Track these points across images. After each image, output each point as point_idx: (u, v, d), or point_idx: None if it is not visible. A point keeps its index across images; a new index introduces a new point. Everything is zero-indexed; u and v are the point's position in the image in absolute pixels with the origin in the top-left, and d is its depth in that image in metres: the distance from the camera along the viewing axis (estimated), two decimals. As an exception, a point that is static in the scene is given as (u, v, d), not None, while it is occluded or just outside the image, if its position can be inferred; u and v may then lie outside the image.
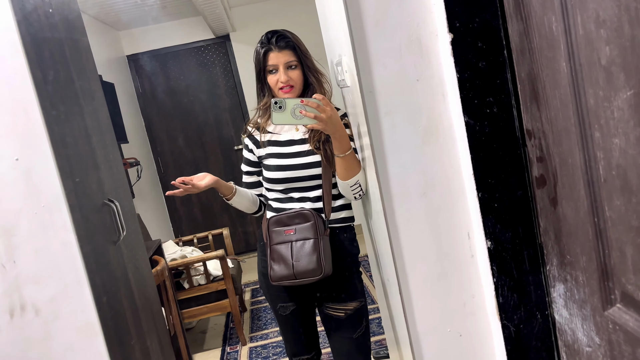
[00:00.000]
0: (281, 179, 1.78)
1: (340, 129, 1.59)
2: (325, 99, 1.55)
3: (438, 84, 1.09)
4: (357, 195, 1.68)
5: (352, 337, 1.83)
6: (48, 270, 1.06)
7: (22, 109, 1.01)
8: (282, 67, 1.73)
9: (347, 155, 1.62)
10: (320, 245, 1.69)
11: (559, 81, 0.86)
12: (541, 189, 1.03)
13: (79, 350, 1.09)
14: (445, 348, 1.18)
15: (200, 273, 3.68)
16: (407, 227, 1.14)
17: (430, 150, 1.11)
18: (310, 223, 1.71)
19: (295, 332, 1.92)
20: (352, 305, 1.82)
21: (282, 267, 1.71)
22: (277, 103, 1.55)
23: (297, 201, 1.80)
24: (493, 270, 1.10)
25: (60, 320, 1.08)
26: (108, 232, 1.95)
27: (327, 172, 1.74)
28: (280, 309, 1.88)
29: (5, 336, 1.06)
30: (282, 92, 1.74)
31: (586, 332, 0.98)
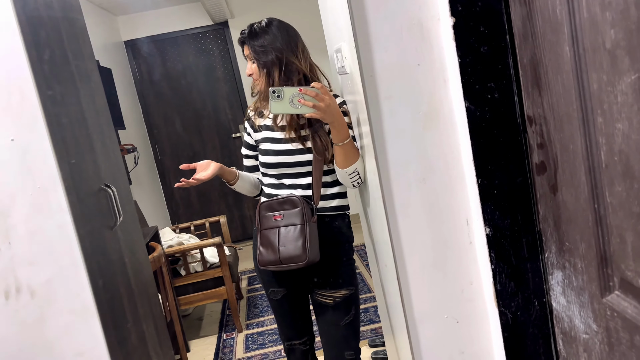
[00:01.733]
0: (274, 164, 1.80)
1: (339, 117, 1.59)
2: (324, 87, 1.54)
3: (439, 69, 1.08)
4: (355, 183, 1.68)
5: (339, 324, 1.85)
6: (44, 252, 1.05)
7: (17, 89, 0.99)
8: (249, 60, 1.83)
9: (346, 143, 1.62)
10: (306, 232, 1.70)
11: (562, 66, 0.85)
12: (541, 176, 1.03)
13: (75, 333, 1.08)
14: (442, 334, 1.18)
15: (197, 260, 3.69)
16: (406, 214, 1.14)
17: (430, 136, 1.10)
18: (297, 209, 1.73)
19: (286, 317, 1.94)
20: (340, 293, 1.83)
21: (269, 252, 1.73)
22: (276, 92, 1.54)
23: (288, 187, 1.81)
24: (491, 257, 1.10)
25: (56, 303, 1.07)
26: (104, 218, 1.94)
27: (317, 159, 1.75)
28: (272, 293, 1.90)
29: (1, 318, 1.06)
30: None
31: (583, 319, 0.98)
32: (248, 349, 3.39)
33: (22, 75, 0.99)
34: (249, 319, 3.86)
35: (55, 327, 1.08)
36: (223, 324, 3.88)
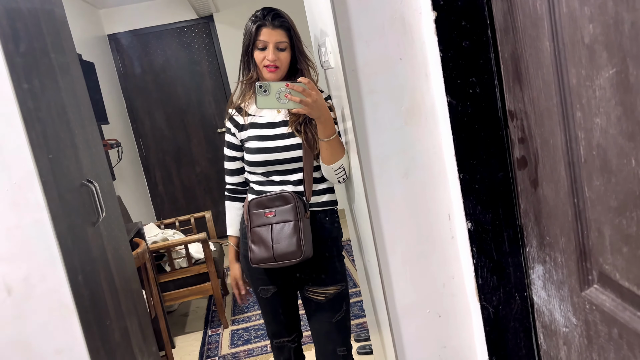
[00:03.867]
0: (262, 162, 1.77)
1: (326, 112, 1.57)
2: (311, 82, 1.53)
3: (421, 63, 1.08)
4: (340, 179, 1.67)
5: (331, 320, 1.83)
6: (21, 249, 1.03)
7: (-9, 83, 0.97)
8: (272, 46, 1.70)
9: (332, 139, 1.61)
10: (300, 228, 1.68)
11: (542, 61, 0.85)
12: (522, 171, 1.03)
13: (54, 331, 1.07)
14: (424, 328, 1.18)
15: (182, 256, 3.66)
16: (388, 208, 1.14)
17: (412, 131, 1.10)
18: (290, 205, 1.70)
19: (275, 314, 1.91)
20: (332, 289, 1.82)
21: (262, 249, 1.70)
22: (262, 87, 1.52)
23: (278, 184, 1.78)
24: (473, 251, 1.10)
25: (33, 300, 1.05)
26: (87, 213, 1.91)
27: (308, 154, 1.73)
28: (262, 291, 1.88)
29: (-23, 316, 1.04)
30: (266, 70, 1.71)
31: (563, 313, 0.98)
32: (234, 345, 3.38)
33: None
34: (234, 314, 3.85)
35: (33, 325, 1.06)
36: (209, 319, 3.87)
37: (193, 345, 3.52)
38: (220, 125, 5.47)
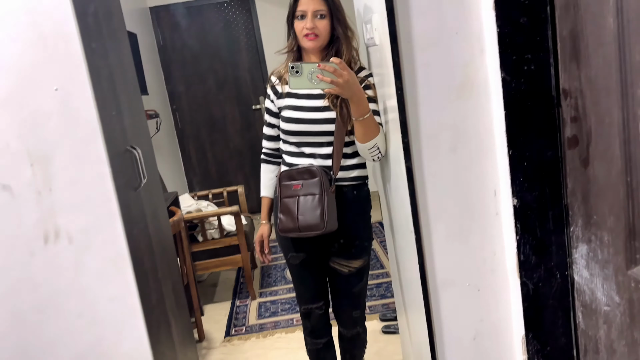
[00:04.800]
0: (295, 132, 1.81)
1: (358, 92, 1.58)
2: (343, 63, 1.53)
3: (477, 38, 1.08)
4: (375, 157, 1.70)
5: (351, 290, 1.93)
6: (82, 200, 1.09)
7: (62, 40, 1.02)
8: (310, 14, 1.72)
9: (366, 118, 1.62)
10: (324, 201, 1.73)
11: (604, 38, 0.85)
12: (572, 150, 1.04)
13: (109, 280, 1.13)
14: (462, 302, 1.21)
15: (214, 227, 3.73)
16: (434, 182, 1.15)
17: (463, 106, 1.11)
18: (316, 179, 1.75)
19: (304, 281, 1.99)
20: (357, 263, 1.89)
21: (289, 219, 1.77)
22: (294, 68, 1.53)
23: (307, 156, 1.82)
24: (517, 228, 1.11)
25: (92, 249, 1.11)
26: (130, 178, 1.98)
27: (340, 129, 1.75)
28: (291, 258, 1.94)
29: (39, 261, 1.10)
30: (306, 39, 1.74)
31: (606, 292, 0.99)
32: (261, 316, 3.45)
33: (68, 28, 1.01)
34: (262, 287, 3.92)
35: (90, 273, 1.12)
36: (237, 291, 3.95)
37: (221, 315, 3.60)
38: (255, 102, 5.51)
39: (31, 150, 1.06)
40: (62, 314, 1.13)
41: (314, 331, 2.04)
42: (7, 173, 1.07)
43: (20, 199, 1.08)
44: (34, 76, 1.03)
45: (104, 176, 1.07)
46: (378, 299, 3.41)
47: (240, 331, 3.29)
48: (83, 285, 1.13)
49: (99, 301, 1.14)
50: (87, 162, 1.07)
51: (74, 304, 1.13)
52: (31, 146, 1.06)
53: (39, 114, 1.05)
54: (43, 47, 1.02)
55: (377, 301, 3.38)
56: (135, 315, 1.13)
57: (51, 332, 1.14)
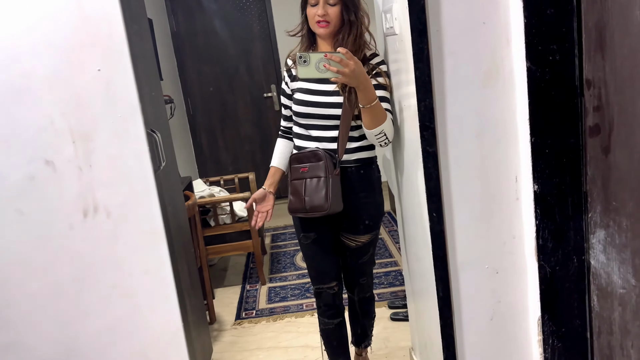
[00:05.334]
0: (304, 114, 1.87)
1: (365, 81, 1.64)
2: (349, 53, 1.58)
3: (503, 28, 1.12)
4: (382, 143, 1.77)
5: (358, 261, 2.05)
6: (121, 176, 1.14)
7: (106, 23, 1.06)
8: (322, 1, 1.77)
9: (373, 105, 1.68)
10: (328, 183, 1.82)
11: (631, 29, 0.89)
12: (594, 138, 1.07)
13: (143, 253, 1.18)
14: (481, 283, 1.25)
15: (226, 212, 3.79)
16: (458, 166, 1.19)
17: (488, 93, 1.15)
18: (321, 162, 1.83)
19: (314, 260, 2.07)
20: (364, 238, 1.98)
21: (297, 200, 1.87)
22: (302, 57, 1.60)
23: (314, 139, 1.90)
24: (536, 213, 1.16)
25: (128, 224, 1.16)
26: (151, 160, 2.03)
27: (346, 113, 1.81)
28: (303, 238, 2.02)
29: (78, 233, 1.15)
30: (317, 26, 1.79)
31: (622, 275, 1.04)
32: (270, 301, 3.51)
33: (111, 10, 1.06)
34: (271, 273, 3.98)
35: (126, 246, 1.17)
36: (247, 275, 4.01)
37: (232, 298, 3.66)
38: (267, 90, 5.54)
39: (73, 127, 1.11)
40: (99, 284, 1.19)
41: (325, 311, 2.10)
42: (51, 149, 1.12)
43: (62, 174, 1.12)
44: (78, 57, 1.08)
45: (142, 154, 1.12)
46: (387, 287, 3.46)
47: (251, 314, 3.35)
48: (119, 258, 1.18)
49: (133, 274, 1.19)
50: (126, 140, 1.12)
51: (110, 275, 1.18)
52: (74, 124, 1.11)
53: (82, 93, 1.09)
54: (87, 29, 1.07)
55: (385, 289, 3.43)
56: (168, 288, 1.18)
57: (88, 301, 1.20)
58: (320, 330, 2.18)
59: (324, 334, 2.17)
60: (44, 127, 1.11)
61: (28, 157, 1.11)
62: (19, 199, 1.13)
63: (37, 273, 1.16)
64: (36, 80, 1.09)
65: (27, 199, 1.13)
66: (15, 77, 1.08)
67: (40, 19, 1.07)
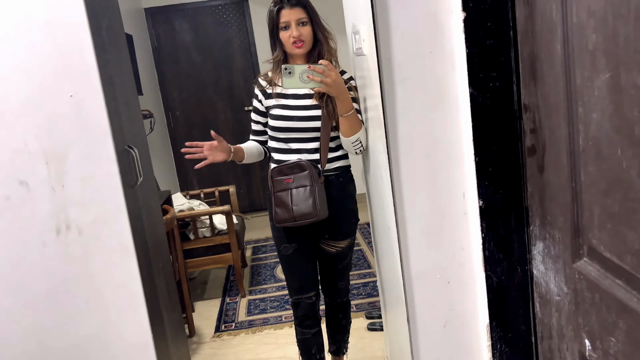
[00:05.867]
0: (283, 128, 1.98)
1: (344, 91, 1.77)
2: (330, 64, 1.72)
3: (449, 57, 1.21)
4: (357, 150, 1.89)
5: (337, 266, 2.15)
6: (92, 195, 1.20)
7: (77, 51, 1.13)
8: (294, 24, 1.90)
9: (350, 114, 1.81)
10: (315, 191, 1.91)
11: (554, 61, 0.99)
12: (531, 157, 1.17)
13: (114, 269, 1.24)
14: (434, 292, 1.33)
15: (206, 226, 3.84)
16: (410, 184, 1.28)
17: (436, 116, 1.24)
18: (306, 172, 1.93)
19: (295, 272, 2.15)
20: (343, 243, 2.10)
21: (284, 211, 1.94)
22: (287, 69, 1.72)
23: (294, 152, 2.00)
24: (482, 226, 1.25)
25: (99, 241, 1.23)
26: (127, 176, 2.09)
27: (326, 125, 1.94)
28: (284, 249, 2.10)
29: (51, 251, 1.22)
30: (294, 47, 1.91)
31: (557, 283, 1.13)
32: (250, 313, 3.56)
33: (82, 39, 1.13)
34: (251, 285, 4.02)
35: (97, 262, 1.23)
36: (227, 288, 4.05)
37: (211, 311, 3.70)
38: (248, 103, 5.62)
39: (47, 149, 1.17)
40: (72, 299, 1.25)
41: (303, 321, 2.18)
42: (25, 170, 1.18)
43: (36, 193, 1.19)
44: (51, 83, 1.14)
45: (112, 174, 1.19)
46: (364, 297, 3.53)
47: (230, 327, 3.39)
48: (91, 274, 1.24)
49: (105, 288, 1.25)
50: (97, 161, 1.19)
51: (82, 290, 1.24)
52: (47, 146, 1.17)
53: (54, 117, 1.16)
54: (59, 57, 1.14)
55: (363, 300, 3.50)
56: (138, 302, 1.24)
57: (61, 315, 1.25)
58: (297, 341, 2.25)
59: (301, 344, 2.24)
60: (18, 149, 1.17)
61: (3, 178, 1.18)
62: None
63: (11, 290, 1.22)
64: (11, 105, 1.16)
65: (2, 218, 1.20)
66: (-9, 103, 1.15)
67: (14, 48, 1.14)
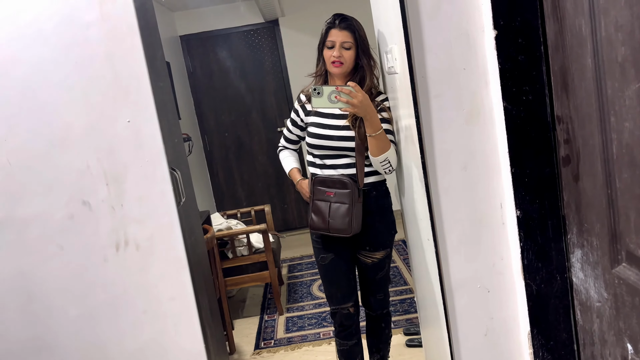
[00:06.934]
0: (317, 146, 2.06)
1: (371, 111, 1.84)
2: (357, 86, 1.81)
3: (482, 73, 1.27)
4: (387, 170, 1.96)
5: (375, 277, 2.19)
6: (148, 213, 1.29)
7: (135, 80, 1.23)
8: (338, 45, 1.99)
9: (378, 134, 1.87)
10: (352, 211, 1.98)
11: (585, 74, 1.03)
12: (566, 167, 1.20)
13: (169, 280, 1.32)
14: (474, 301, 1.37)
15: (243, 244, 3.92)
16: (448, 196, 1.33)
17: (471, 130, 1.29)
18: (348, 191, 1.99)
19: (332, 281, 2.20)
20: (379, 255, 2.14)
21: (320, 220, 2.03)
22: (316, 89, 1.81)
23: (328, 168, 2.08)
24: (520, 236, 1.28)
25: (155, 255, 1.31)
26: (173, 197, 2.19)
27: (359, 146, 2.00)
28: (321, 259, 2.17)
29: (112, 265, 1.30)
30: (332, 66, 2.01)
31: (597, 290, 1.15)
32: (289, 330, 3.60)
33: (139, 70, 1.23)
34: (289, 303, 4.07)
35: (154, 275, 1.32)
36: (265, 306, 4.11)
37: (250, 329, 3.76)
38: (280, 124, 5.74)
39: (107, 171, 1.27)
40: (130, 310, 1.33)
41: (341, 331, 2.23)
42: (87, 191, 1.28)
43: (97, 212, 1.28)
44: (111, 110, 1.24)
45: (166, 192, 1.28)
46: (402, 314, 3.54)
47: (269, 344, 3.44)
48: (148, 286, 1.32)
49: (160, 299, 1.33)
50: (152, 181, 1.28)
51: (139, 301, 1.33)
52: (107, 168, 1.27)
53: (114, 141, 1.26)
54: (119, 86, 1.24)
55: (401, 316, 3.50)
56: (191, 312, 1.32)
57: (120, 325, 1.34)
58: (337, 352, 2.30)
59: (340, 354, 2.28)
60: (81, 171, 1.27)
61: (68, 198, 1.28)
62: (60, 236, 1.29)
63: (76, 301, 1.31)
64: (75, 131, 1.26)
65: (67, 235, 1.29)
66: (57, 129, 1.26)
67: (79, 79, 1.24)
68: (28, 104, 1.25)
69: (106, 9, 1.19)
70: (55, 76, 1.23)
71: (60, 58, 1.22)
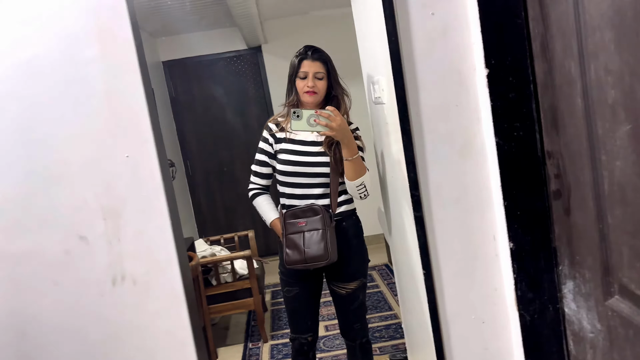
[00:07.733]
0: (289, 172, 2.09)
1: (349, 136, 1.90)
2: (336, 110, 1.87)
3: (474, 110, 1.31)
4: (362, 194, 2.01)
5: (350, 308, 2.21)
6: (145, 248, 1.28)
7: (134, 115, 1.24)
8: (311, 75, 2.05)
9: (355, 159, 1.93)
10: (327, 235, 2.00)
11: (575, 113, 1.07)
12: (557, 201, 1.24)
13: (166, 316, 1.31)
14: (469, 332, 1.39)
15: (227, 271, 3.90)
16: (442, 229, 1.36)
17: (464, 164, 1.33)
18: (319, 216, 2.02)
19: (295, 312, 2.25)
20: (353, 285, 2.17)
21: (295, 253, 2.02)
22: (296, 112, 1.87)
23: (300, 198, 2.09)
24: (514, 268, 1.31)
25: (152, 290, 1.30)
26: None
27: (334, 172, 2.05)
28: (287, 291, 2.22)
29: (108, 300, 1.29)
30: (306, 95, 2.07)
31: (590, 321, 1.18)
32: (273, 358, 3.57)
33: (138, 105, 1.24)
34: (273, 330, 4.04)
35: (150, 311, 1.30)
36: (249, 334, 4.07)
37: (235, 357, 3.72)
38: (263, 150, 5.77)
39: (104, 206, 1.27)
40: (125, 346, 1.31)
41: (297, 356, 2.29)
42: (84, 226, 1.27)
43: (94, 247, 1.27)
44: (108, 145, 1.25)
45: (165, 227, 1.28)
46: (387, 340, 3.55)
47: (255, 373, 3.41)
48: (144, 322, 1.31)
49: (156, 335, 1.32)
50: (150, 216, 1.28)
51: (135, 337, 1.31)
52: (104, 203, 1.27)
53: (112, 176, 1.26)
54: (117, 122, 1.24)
55: (386, 342, 3.51)
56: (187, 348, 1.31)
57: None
58: None
59: None
60: (78, 207, 1.27)
61: (64, 233, 1.27)
62: (55, 272, 1.28)
63: (70, 337, 1.29)
64: (72, 167, 1.26)
65: (63, 271, 1.28)
66: (54, 165, 1.25)
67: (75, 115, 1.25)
68: (24, 139, 1.24)
69: (106, 46, 1.21)
70: (53, 112, 1.23)
71: (59, 94, 1.22)
